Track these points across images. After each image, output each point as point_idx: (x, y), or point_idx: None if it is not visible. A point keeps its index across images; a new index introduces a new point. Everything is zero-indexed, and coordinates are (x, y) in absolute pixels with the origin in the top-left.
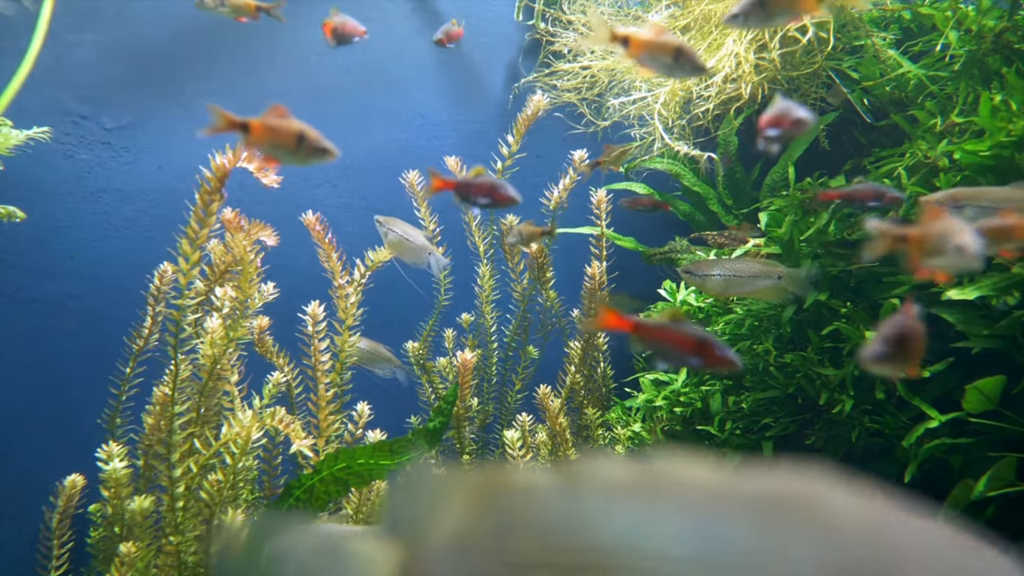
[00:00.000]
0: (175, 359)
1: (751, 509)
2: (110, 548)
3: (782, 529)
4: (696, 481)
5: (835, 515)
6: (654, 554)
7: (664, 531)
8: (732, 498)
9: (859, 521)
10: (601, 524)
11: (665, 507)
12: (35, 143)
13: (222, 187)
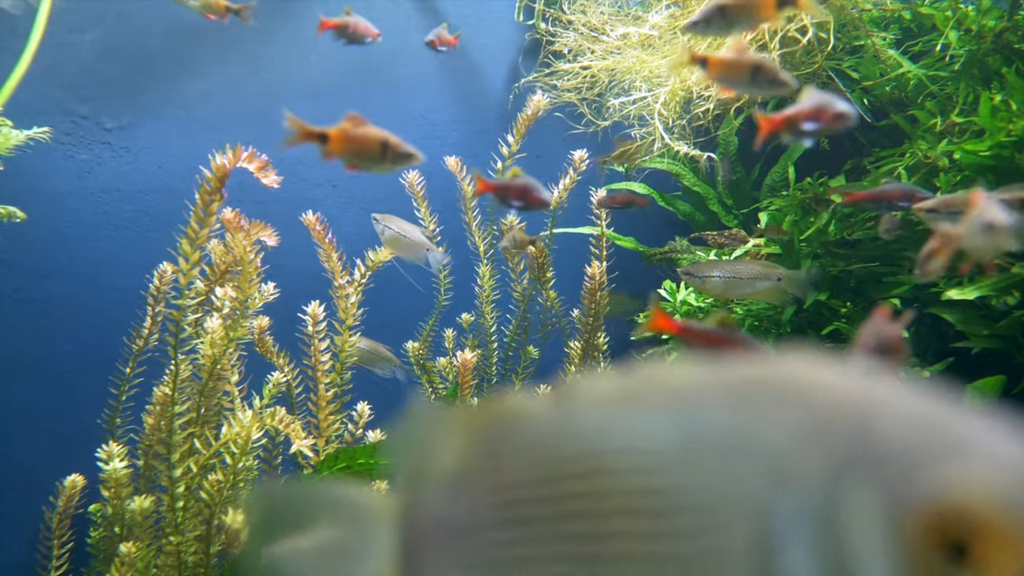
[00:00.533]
0: (175, 359)
1: (728, 394)
2: (110, 548)
3: (757, 406)
4: (677, 379)
5: (809, 387)
6: (639, 449)
7: (647, 427)
8: (710, 387)
9: (832, 388)
10: (589, 434)
11: (649, 406)
12: (35, 143)
13: (222, 187)
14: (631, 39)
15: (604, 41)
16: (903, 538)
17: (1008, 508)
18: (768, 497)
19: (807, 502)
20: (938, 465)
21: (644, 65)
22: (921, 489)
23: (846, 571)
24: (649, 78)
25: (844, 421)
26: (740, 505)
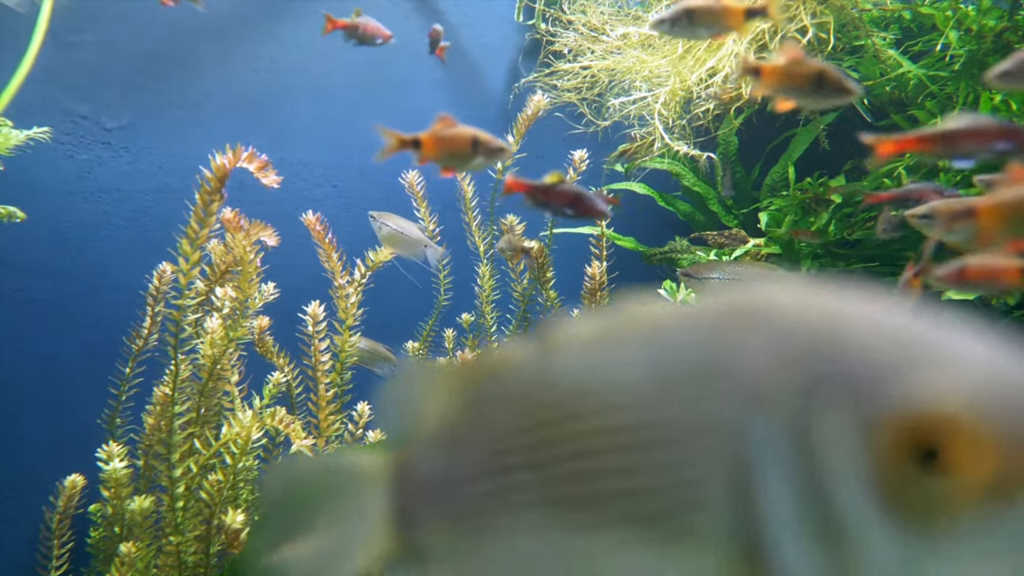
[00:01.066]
0: (175, 359)
1: (700, 325)
2: (110, 548)
3: (728, 334)
4: (652, 315)
5: (779, 311)
6: (617, 387)
7: (624, 364)
8: (683, 320)
9: (803, 310)
10: (568, 378)
11: (625, 344)
12: (35, 143)
13: (222, 187)
14: (631, 39)
15: (604, 41)
16: (874, 449)
17: (975, 410)
18: (742, 422)
19: (781, 424)
20: (907, 375)
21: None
22: (890, 399)
23: (822, 490)
24: (649, 78)
25: (815, 341)
26: (715, 432)
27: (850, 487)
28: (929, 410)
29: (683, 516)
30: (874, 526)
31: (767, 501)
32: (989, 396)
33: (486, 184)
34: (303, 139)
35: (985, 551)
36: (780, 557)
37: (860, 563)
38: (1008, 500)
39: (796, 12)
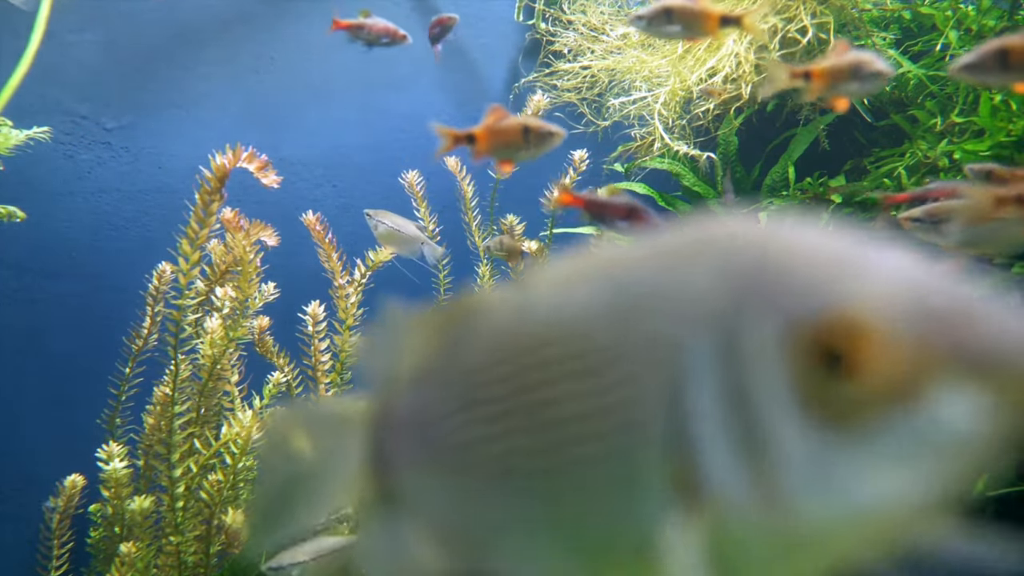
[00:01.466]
0: (175, 359)
1: (653, 255)
2: (110, 548)
3: (677, 261)
4: (615, 251)
5: (723, 238)
6: (577, 316)
7: (585, 296)
8: (640, 252)
9: (743, 236)
10: (536, 312)
11: (588, 278)
12: (35, 143)
13: (222, 187)
14: (631, 39)
15: (604, 41)
16: (789, 357)
17: (878, 316)
18: (680, 341)
19: (712, 340)
20: (819, 287)
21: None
22: (803, 309)
23: (747, 400)
24: (649, 78)
25: (746, 262)
26: (656, 353)
27: (771, 396)
28: (836, 317)
29: (627, 433)
30: (791, 432)
31: (699, 414)
32: (892, 303)
33: (486, 184)
34: (303, 139)
35: (892, 451)
36: (709, 467)
37: (779, 468)
38: (911, 401)
39: (796, 12)
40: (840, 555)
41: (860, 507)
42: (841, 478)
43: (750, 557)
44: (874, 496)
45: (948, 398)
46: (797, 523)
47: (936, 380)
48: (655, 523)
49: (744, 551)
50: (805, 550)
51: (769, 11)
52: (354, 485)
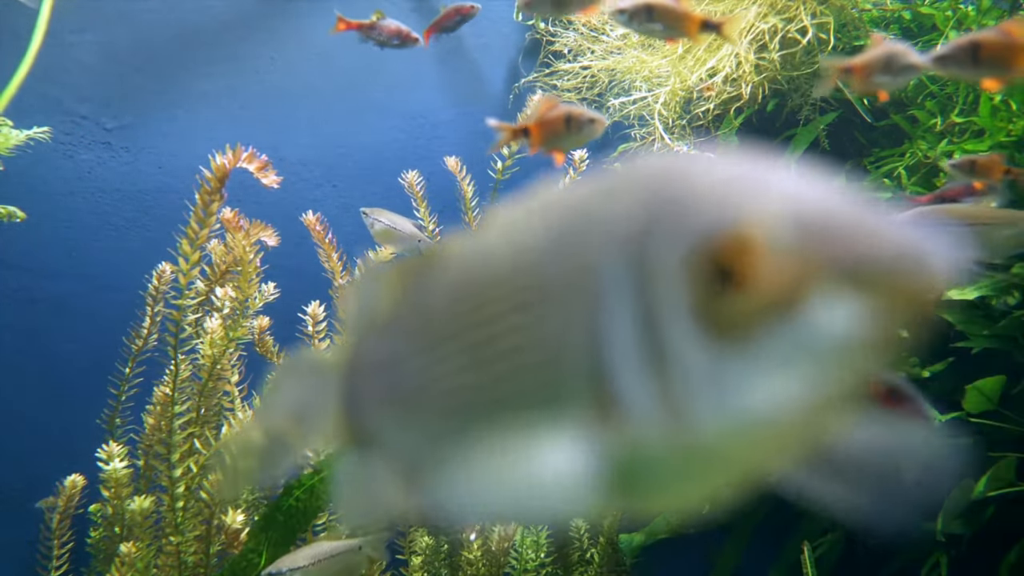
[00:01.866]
0: (175, 359)
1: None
2: (110, 548)
3: (606, 194)
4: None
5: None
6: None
7: (525, 232)
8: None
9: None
10: (488, 254)
11: (536, 216)
12: (35, 143)
13: (222, 187)
14: (631, 39)
15: (604, 41)
16: (687, 274)
17: (763, 230)
18: (598, 267)
19: (626, 264)
20: (716, 207)
21: (644, 65)
22: (699, 228)
23: (653, 319)
24: (649, 78)
25: (657, 189)
26: (580, 280)
27: (673, 313)
28: (725, 234)
29: (555, 362)
30: (691, 347)
31: (614, 336)
32: (776, 219)
33: (486, 184)
34: (303, 139)
35: (778, 358)
36: (621, 386)
37: (680, 382)
38: (792, 310)
39: (796, 12)
40: (744, 466)
41: (753, 415)
42: (735, 388)
43: (662, 472)
44: (765, 403)
45: (826, 306)
46: (700, 435)
47: (815, 289)
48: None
49: (656, 466)
50: (711, 462)
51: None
52: (329, 429)
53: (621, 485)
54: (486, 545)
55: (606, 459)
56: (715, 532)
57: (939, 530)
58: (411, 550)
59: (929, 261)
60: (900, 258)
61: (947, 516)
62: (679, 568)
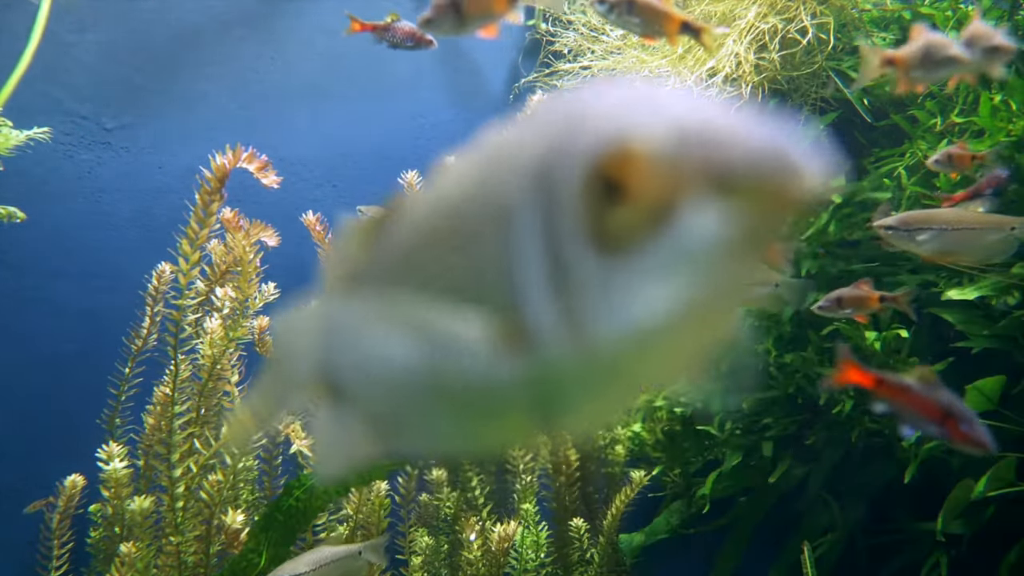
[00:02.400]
0: (175, 359)
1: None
2: (110, 548)
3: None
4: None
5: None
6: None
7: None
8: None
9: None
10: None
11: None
12: (35, 143)
13: (222, 187)
14: (631, 39)
15: (604, 41)
16: (581, 193)
17: (643, 144)
18: (513, 200)
19: (534, 194)
20: (605, 126)
21: (644, 65)
22: (589, 146)
23: (556, 241)
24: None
25: (560, 119)
26: (500, 216)
27: (571, 232)
28: (610, 148)
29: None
30: (586, 263)
31: (523, 264)
32: (655, 132)
33: None
34: (303, 139)
35: (660, 267)
36: (529, 309)
37: (578, 298)
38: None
39: (796, 12)
40: (643, 377)
41: (644, 323)
42: (626, 299)
43: (573, 388)
44: (653, 311)
45: (702, 211)
46: (599, 347)
47: (690, 195)
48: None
49: (567, 383)
50: (612, 374)
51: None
52: (309, 383)
53: (541, 404)
54: (486, 545)
55: (527, 381)
56: (715, 532)
57: (939, 530)
58: (411, 550)
59: (793, 164)
60: (766, 162)
61: (947, 516)
62: (679, 568)
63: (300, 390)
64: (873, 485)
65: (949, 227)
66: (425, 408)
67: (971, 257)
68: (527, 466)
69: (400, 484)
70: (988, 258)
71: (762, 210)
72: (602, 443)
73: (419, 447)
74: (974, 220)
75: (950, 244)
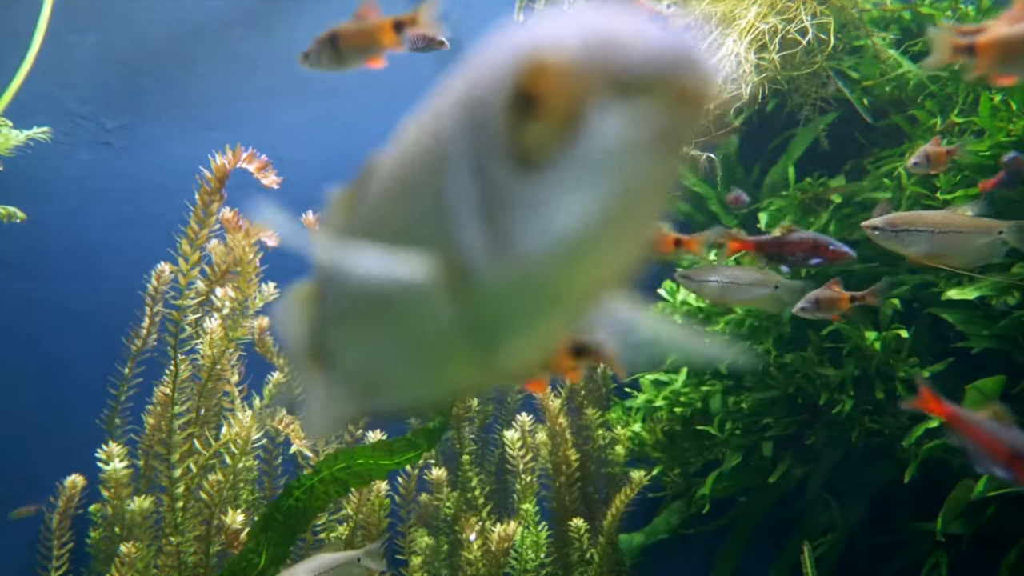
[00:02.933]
0: (175, 359)
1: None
2: (110, 548)
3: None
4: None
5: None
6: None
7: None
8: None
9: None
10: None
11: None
12: (35, 143)
13: (222, 187)
14: None
15: None
16: (502, 113)
17: (550, 52)
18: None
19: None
20: (523, 45)
21: None
22: (509, 65)
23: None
24: None
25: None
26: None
27: (495, 155)
28: (524, 63)
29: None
30: (509, 181)
31: (456, 196)
32: (565, 43)
33: None
34: (303, 139)
35: (576, 175)
36: (463, 240)
37: (504, 218)
38: (580, 124)
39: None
40: (575, 295)
41: (568, 235)
42: (548, 213)
43: (510, 315)
44: (575, 221)
45: (608, 116)
46: (528, 267)
47: (594, 101)
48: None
49: (504, 310)
50: (545, 294)
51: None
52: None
53: (483, 338)
54: (486, 545)
55: (468, 317)
56: (715, 532)
57: (939, 530)
58: (411, 550)
59: (688, 60)
60: (661, 60)
61: (947, 516)
62: (679, 568)
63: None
64: (873, 485)
65: (936, 230)
66: (386, 358)
67: (959, 260)
68: (527, 466)
69: (400, 484)
70: (976, 261)
71: (666, 108)
72: (602, 443)
73: (388, 400)
74: (962, 223)
75: (937, 247)
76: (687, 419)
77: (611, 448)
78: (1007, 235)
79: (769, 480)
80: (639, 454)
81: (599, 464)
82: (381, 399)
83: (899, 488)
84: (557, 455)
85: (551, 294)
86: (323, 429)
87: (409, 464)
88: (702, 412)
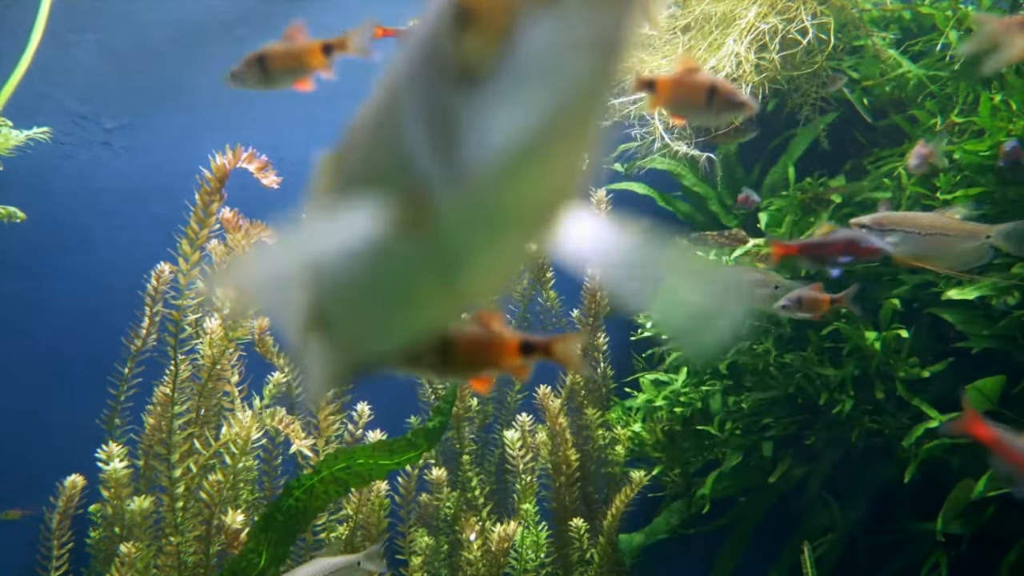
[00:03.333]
0: (175, 359)
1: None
2: (110, 548)
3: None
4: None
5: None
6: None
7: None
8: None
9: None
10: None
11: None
12: (35, 143)
13: (222, 187)
14: None
15: None
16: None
17: None
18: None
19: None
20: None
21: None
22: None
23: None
24: None
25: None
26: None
27: (441, 78)
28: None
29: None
30: (456, 101)
31: (412, 126)
32: None
33: None
34: (303, 139)
35: (517, 85)
36: (418, 168)
37: (453, 138)
38: (513, 33)
39: (796, 12)
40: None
41: (513, 145)
42: (492, 126)
43: (467, 243)
44: (518, 130)
45: (540, 21)
46: (479, 185)
47: (526, 8)
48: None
49: (461, 240)
50: (499, 213)
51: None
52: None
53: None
54: (486, 545)
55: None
56: (715, 532)
57: (939, 530)
58: (411, 550)
59: None
60: None
61: (947, 516)
62: (679, 568)
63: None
64: (873, 485)
65: (922, 231)
66: (363, 306)
67: (944, 263)
68: (527, 466)
69: (400, 484)
70: (963, 265)
71: (595, 11)
72: (602, 443)
73: (372, 350)
74: (949, 226)
75: (922, 248)
76: (687, 419)
77: (611, 448)
78: (995, 239)
79: (769, 480)
80: (639, 454)
81: (599, 464)
82: (364, 349)
83: (899, 488)
84: (557, 455)
85: (504, 210)
86: (323, 389)
87: (409, 464)
88: (702, 412)
